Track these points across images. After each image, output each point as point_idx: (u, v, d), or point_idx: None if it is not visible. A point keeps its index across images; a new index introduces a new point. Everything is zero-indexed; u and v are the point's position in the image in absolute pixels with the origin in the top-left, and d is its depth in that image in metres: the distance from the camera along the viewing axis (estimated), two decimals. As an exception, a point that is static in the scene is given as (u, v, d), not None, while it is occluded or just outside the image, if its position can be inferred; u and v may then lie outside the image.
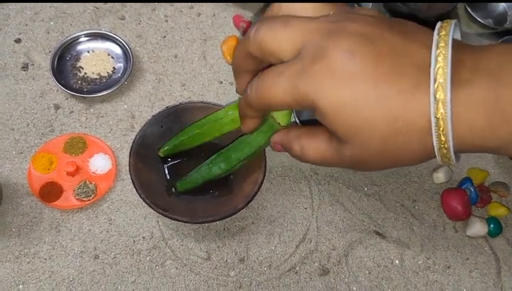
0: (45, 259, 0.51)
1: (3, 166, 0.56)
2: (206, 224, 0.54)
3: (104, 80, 0.61)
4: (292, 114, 0.56)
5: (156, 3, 0.67)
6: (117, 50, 0.63)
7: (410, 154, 0.31)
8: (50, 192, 0.53)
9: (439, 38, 0.29)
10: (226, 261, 0.52)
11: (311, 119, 0.56)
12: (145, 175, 0.52)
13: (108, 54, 0.63)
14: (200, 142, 0.51)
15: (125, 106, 0.60)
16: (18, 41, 0.63)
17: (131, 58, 0.61)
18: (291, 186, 0.57)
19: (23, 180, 0.55)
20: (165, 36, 0.66)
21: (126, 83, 0.61)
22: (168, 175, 0.54)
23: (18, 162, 0.56)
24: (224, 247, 0.53)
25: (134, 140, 0.53)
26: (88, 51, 0.63)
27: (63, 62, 0.62)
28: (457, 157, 0.30)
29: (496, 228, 0.55)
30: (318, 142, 0.35)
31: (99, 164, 0.55)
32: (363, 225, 0.55)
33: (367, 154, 0.32)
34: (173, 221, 0.52)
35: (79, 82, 0.60)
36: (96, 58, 0.62)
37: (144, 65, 0.63)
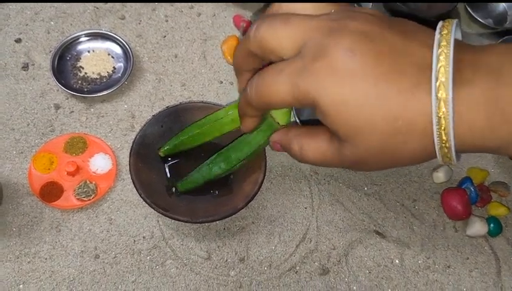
0: (46, 259, 0.51)
1: (3, 166, 0.56)
2: (206, 224, 0.54)
3: (104, 80, 0.61)
4: (292, 113, 0.56)
5: (156, 3, 0.67)
6: (117, 50, 0.63)
7: (410, 153, 0.31)
8: (51, 192, 0.54)
9: (441, 37, 0.29)
10: (226, 261, 0.53)
11: (311, 119, 0.56)
12: (145, 175, 0.52)
13: (108, 54, 0.63)
14: (200, 142, 0.51)
15: (125, 106, 0.60)
16: (18, 41, 0.64)
17: (131, 58, 0.61)
18: (291, 186, 0.57)
19: (23, 180, 0.55)
20: (165, 36, 0.66)
21: (126, 83, 0.61)
22: (169, 175, 0.54)
23: (18, 162, 0.56)
24: (224, 247, 0.53)
25: (134, 140, 0.53)
26: (88, 51, 0.63)
27: (63, 62, 0.62)
28: (458, 157, 0.30)
29: (496, 227, 0.55)
30: (319, 142, 0.35)
31: (100, 164, 0.55)
32: (363, 224, 0.55)
33: (367, 153, 0.32)
34: (174, 221, 0.52)
35: (80, 82, 0.60)
36: (97, 58, 0.62)
37: (144, 65, 0.63)
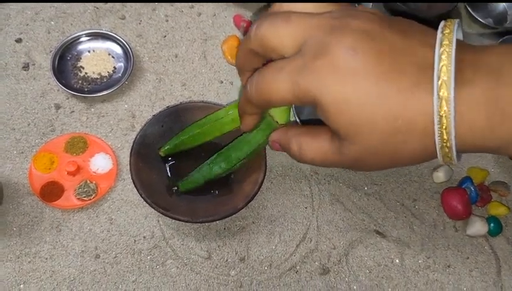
0: (46, 259, 0.51)
1: (4, 166, 0.56)
2: (207, 224, 0.54)
3: (105, 80, 0.61)
4: (292, 112, 0.56)
5: (156, 3, 0.67)
6: (117, 50, 0.63)
7: (410, 153, 0.31)
8: (51, 192, 0.54)
9: (443, 36, 0.29)
10: (227, 260, 0.53)
11: (312, 119, 0.56)
12: (145, 175, 0.52)
13: (108, 53, 0.63)
14: (201, 142, 0.51)
15: (125, 106, 0.60)
16: (19, 41, 0.64)
17: (131, 58, 0.61)
18: (291, 185, 0.57)
19: (24, 179, 0.55)
20: (165, 36, 0.66)
21: (127, 83, 0.61)
22: (169, 174, 0.54)
23: (19, 162, 0.56)
24: (225, 247, 0.53)
25: (135, 139, 0.53)
26: (88, 50, 0.63)
27: (64, 62, 0.62)
28: (458, 156, 0.30)
29: (496, 227, 0.55)
30: (319, 141, 0.35)
31: (100, 164, 0.55)
32: (363, 224, 0.55)
33: (367, 152, 0.31)
34: (174, 221, 0.53)
35: (80, 82, 0.61)
36: (97, 58, 0.62)
37: (145, 65, 0.63)
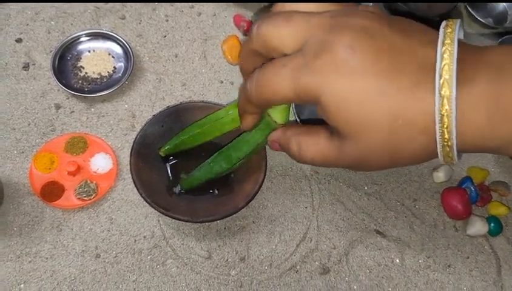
0: (47, 259, 0.51)
1: (4, 165, 0.56)
2: (207, 223, 0.54)
3: (105, 79, 0.61)
4: (293, 112, 0.56)
5: (156, 3, 0.67)
6: (118, 50, 0.63)
7: (410, 153, 0.31)
8: (51, 191, 0.54)
9: (445, 36, 0.29)
10: (227, 260, 0.53)
11: (312, 118, 0.57)
12: (146, 174, 0.52)
13: (108, 53, 0.63)
14: (201, 142, 0.51)
15: (126, 105, 0.60)
16: (19, 41, 0.64)
17: (131, 58, 0.61)
18: (292, 185, 0.57)
19: (24, 179, 0.55)
20: (165, 36, 0.66)
21: (127, 82, 0.61)
22: (170, 174, 0.54)
23: (19, 162, 0.56)
24: (225, 246, 0.53)
25: (135, 139, 0.53)
26: (89, 50, 0.63)
27: (64, 62, 0.62)
28: (459, 156, 0.30)
29: (496, 227, 0.55)
30: (319, 140, 0.35)
31: (100, 164, 0.55)
32: (364, 224, 0.55)
33: (367, 151, 0.31)
34: (174, 220, 0.53)
35: (80, 82, 0.61)
36: (97, 58, 0.62)
37: (145, 65, 0.63)
